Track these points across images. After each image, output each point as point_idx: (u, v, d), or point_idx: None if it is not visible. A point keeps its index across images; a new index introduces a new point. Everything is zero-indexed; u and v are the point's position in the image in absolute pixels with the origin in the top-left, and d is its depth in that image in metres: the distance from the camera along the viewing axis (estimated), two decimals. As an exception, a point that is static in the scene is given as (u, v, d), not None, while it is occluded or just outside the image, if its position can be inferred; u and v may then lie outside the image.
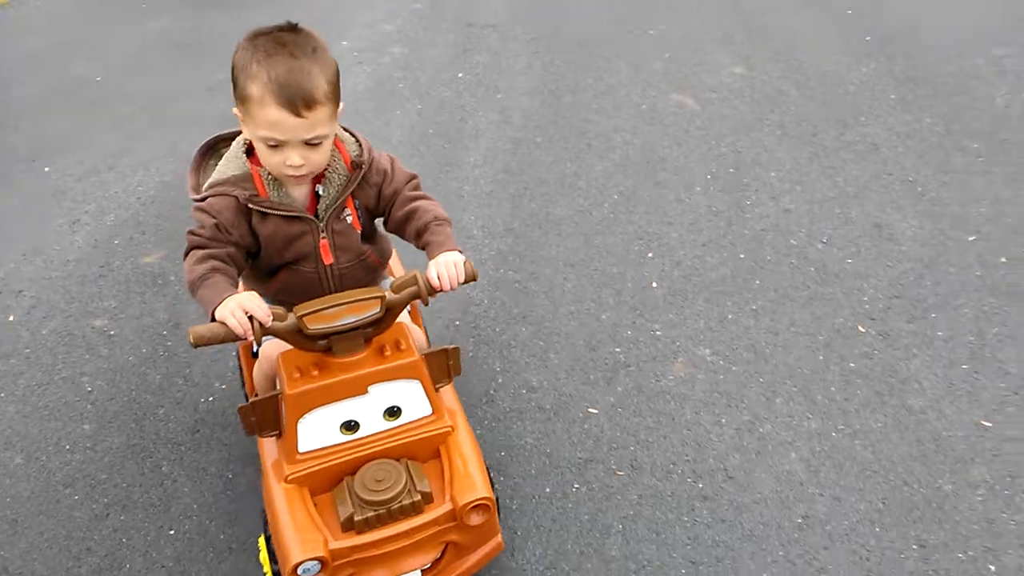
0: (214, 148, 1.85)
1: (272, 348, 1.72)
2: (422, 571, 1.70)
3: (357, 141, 1.74)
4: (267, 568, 1.76)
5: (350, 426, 1.64)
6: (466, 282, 1.64)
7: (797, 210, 3.20)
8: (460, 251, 1.67)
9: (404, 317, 1.81)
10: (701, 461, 2.20)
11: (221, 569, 1.93)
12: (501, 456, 2.22)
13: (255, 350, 1.87)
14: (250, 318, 1.48)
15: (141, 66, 4.38)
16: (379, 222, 1.86)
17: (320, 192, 1.70)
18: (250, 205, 1.63)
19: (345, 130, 1.75)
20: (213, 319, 1.50)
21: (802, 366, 2.50)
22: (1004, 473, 2.18)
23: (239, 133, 1.77)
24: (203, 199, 1.66)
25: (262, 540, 1.77)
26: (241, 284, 1.75)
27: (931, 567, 1.95)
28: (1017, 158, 3.50)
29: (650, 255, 2.96)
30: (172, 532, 2.01)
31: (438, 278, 1.60)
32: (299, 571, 1.53)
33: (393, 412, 1.67)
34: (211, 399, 2.35)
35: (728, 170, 3.45)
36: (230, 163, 1.69)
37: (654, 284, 2.83)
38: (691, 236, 3.06)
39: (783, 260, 2.94)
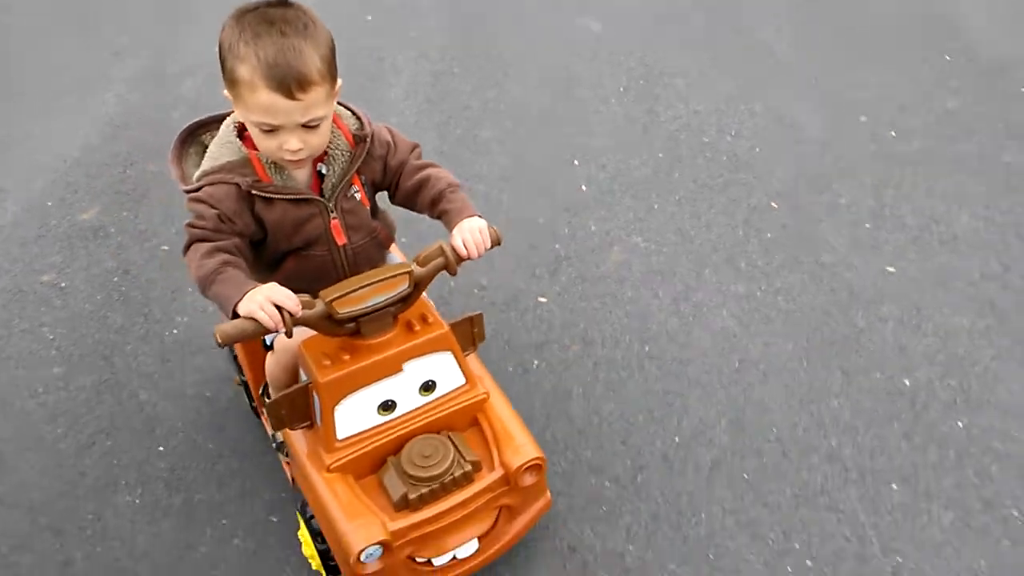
0: (193, 135, 1.73)
1: (286, 340, 1.62)
2: (478, 539, 1.70)
3: (355, 115, 1.66)
4: (312, 552, 1.74)
5: (387, 406, 1.61)
6: (492, 247, 1.58)
7: (705, 110, 3.43)
8: (481, 216, 1.60)
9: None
10: (645, 329, 2.41)
11: (215, 471, 2.04)
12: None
13: (269, 342, 1.77)
14: (279, 310, 1.40)
15: (43, 33, 4.27)
16: (380, 196, 1.79)
17: (323, 171, 1.62)
18: (253, 192, 1.54)
19: (341, 105, 1.66)
20: (235, 315, 1.42)
21: (724, 242, 2.74)
22: (910, 307, 2.47)
23: (220, 118, 1.69)
24: (197, 188, 1.55)
25: (303, 529, 1.75)
26: None
27: (854, 388, 2.22)
28: (897, 46, 3.82)
29: (576, 163, 3.14)
30: (161, 449, 2.10)
31: (464, 246, 1.54)
32: (362, 558, 1.52)
33: (428, 387, 1.64)
34: (175, 331, 2.42)
35: (638, 82, 3.65)
36: (223, 148, 1.59)
37: (583, 187, 3.01)
38: (612, 142, 3.25)
39: (698, 154, 3.17)
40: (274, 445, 1.95)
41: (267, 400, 1.80)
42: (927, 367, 2.28)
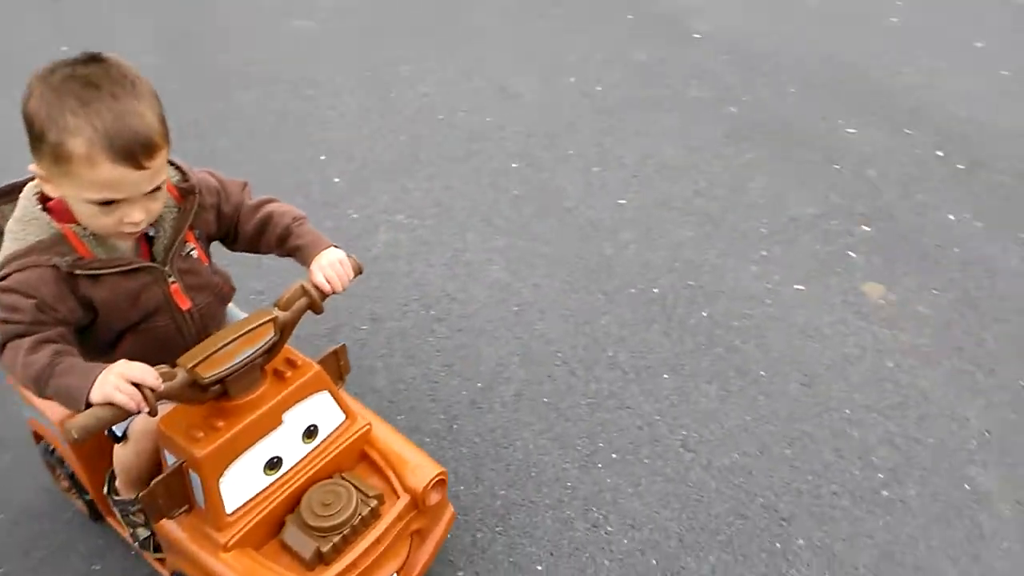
0: None
1: (144, 422, 1.50)
2: (396, 573, 1.61)
3: (175, 166, 1.47)
4: None
5: (273, 464, 1.50)
6: (355, 277, 1.52)
7: (434, 92, 3.63)
8: (337, 246, 1.52)
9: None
10: (426, 296, 2.55)
11: (14, 539, 1.87)
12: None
13: (121, 432, 1.58)
14: (138, 388, 1.26)
15: None
16: (214, 247, 1.63)
17: (152, 234, 1.46)
18: (76, 272, 1.36)
19: None
20: (87, 405, 1.26)
21: (478, 205, 2.95)
22: (644, 229, 2.84)
23: (7, 190, 1.51)
24: (3, 277, 1.35)
25: None
26: None
27: (615, 304, 2.53)
28: (589, 16, 4.29)
29: (323, 158, 3.19)
30: None
31: (327, 282, 1.46)
32: None
33: (311, 432, 1.55)
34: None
35: (365, 74, 3.77)
36: (27, 226, 1.39)
37: (336, 180, 3.07)
38: (354, 134, 3.34)
39: (436, 133, 3.36)
40: (135, 544, 1.74)
41: (115, 497, 1.68)
42: (668, 274, 2.64)
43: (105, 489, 1.74)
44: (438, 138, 3.32)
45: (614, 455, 2.08)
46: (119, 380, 1.24)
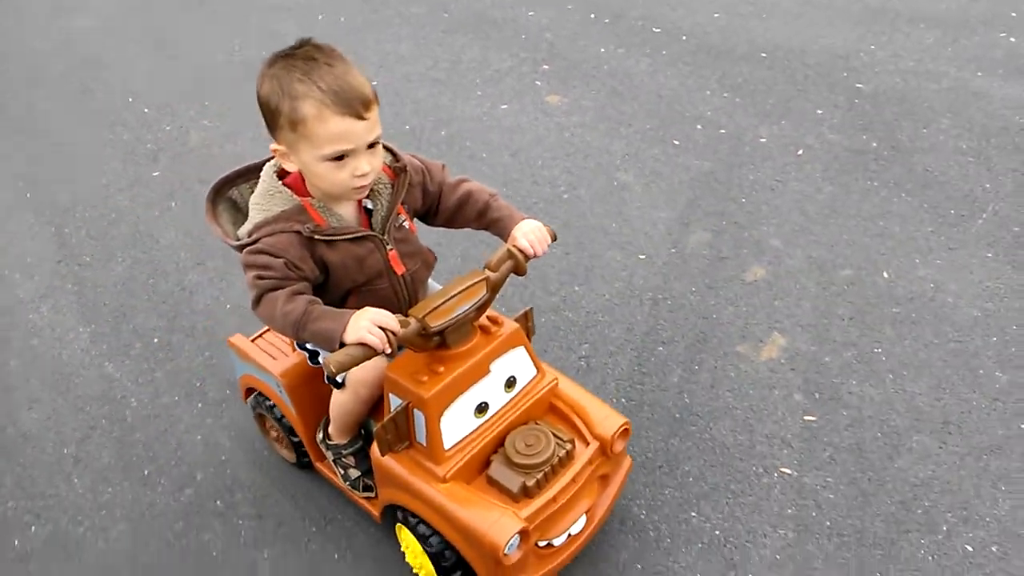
0: (219, 193, 1.75)
1: (363, 371, 1.69)
2: (585, 513, 1.76)
3: (387, 149, 1.67)
4: (419, 561, 1.81)
5: (481, 408, 1.68)
6: (552, 243, 1.70)
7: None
8: (532, 217, 1.70)
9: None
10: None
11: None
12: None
13: (341, 380, 1.78)
14: (383, 331, 1.46)
15: None
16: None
17: (370, 207, 1.66)
18: (316, 236, 1.56)
19: None
20: (341, 344, 1.46)
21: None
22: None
23: (242, 172, 1.75)
24: (254, 240, 1.56)
25: (407, 539, 1.82)
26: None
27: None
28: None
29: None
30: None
31: (531, 246, 1.64)
32: (506, 550, 1.58)
33: (511, 383, 1.72)
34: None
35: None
36: (272, 199, 1.59)
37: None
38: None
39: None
40: (346, 484, 1.96)
41: (329, 442, 1.93)
42: (415, 117, 3.53)
43: (320, 436, 1.98)
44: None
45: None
46: (370, 324, 1.45)
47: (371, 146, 1.52)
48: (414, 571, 1.88)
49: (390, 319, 1.48)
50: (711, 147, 3.31)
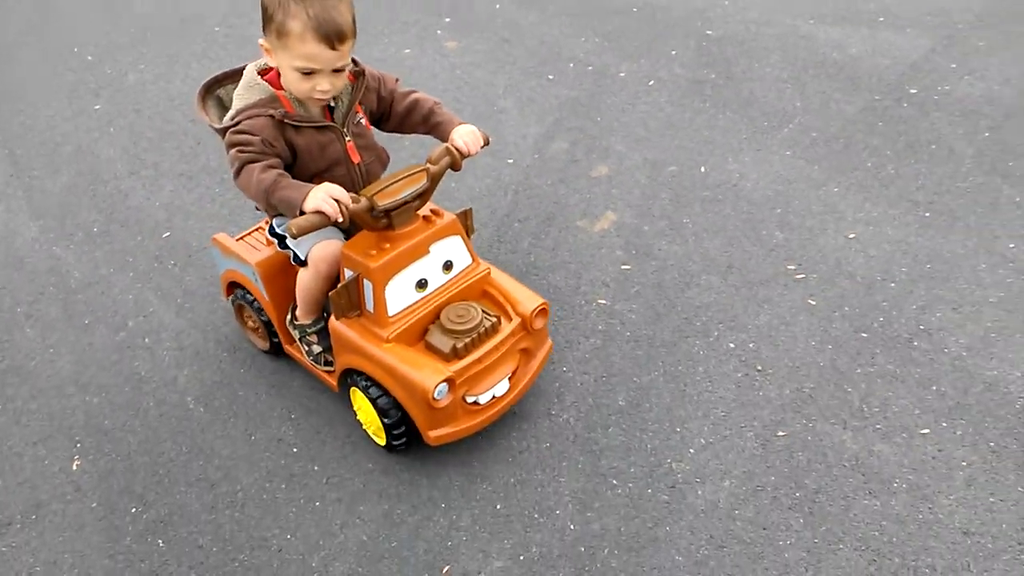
0: (209, 90, 2.05)
1: (322, 249, 1.95)
2: (508, 379, 2.04)
3: (351, 60, 1.90)
4: (369, 418, 2.07)
5: (421, 284, 1.93)
6: (484, 146, 1.98)
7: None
8: (468, 124, 1.97)
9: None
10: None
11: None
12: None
13: (303, 256, 2.01)
14: (337, 203, 1.69)
15: None
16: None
17: (332, 105, 1.93)
18: (286, 120, 1.83)
19: None
20: (301, 213, 1.69)
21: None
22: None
23: (229, 74, 2.03)
24: (236, 123, 1.82)
25: (360, 401, 2.07)
26: None
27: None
28: None
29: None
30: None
31: (465, 146, 1.91)
32: (435, 395, 1.84)
33: (448, 266, 1.98)
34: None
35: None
36: (252, 90, 1.87)
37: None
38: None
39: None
40: (309, 359, 2.24)
41: (295, 323, 2.21)
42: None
43: (288, 318, 2.27)
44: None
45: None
46: (325, 195, 1.69)
47: (337, 71, 1.79)
48: (364, 428, 2.17)
49: (343, 193, 1.73)
50: (579, 80, 3.88)
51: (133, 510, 2.17)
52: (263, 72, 1.91)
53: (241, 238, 2.35)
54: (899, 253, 2.75)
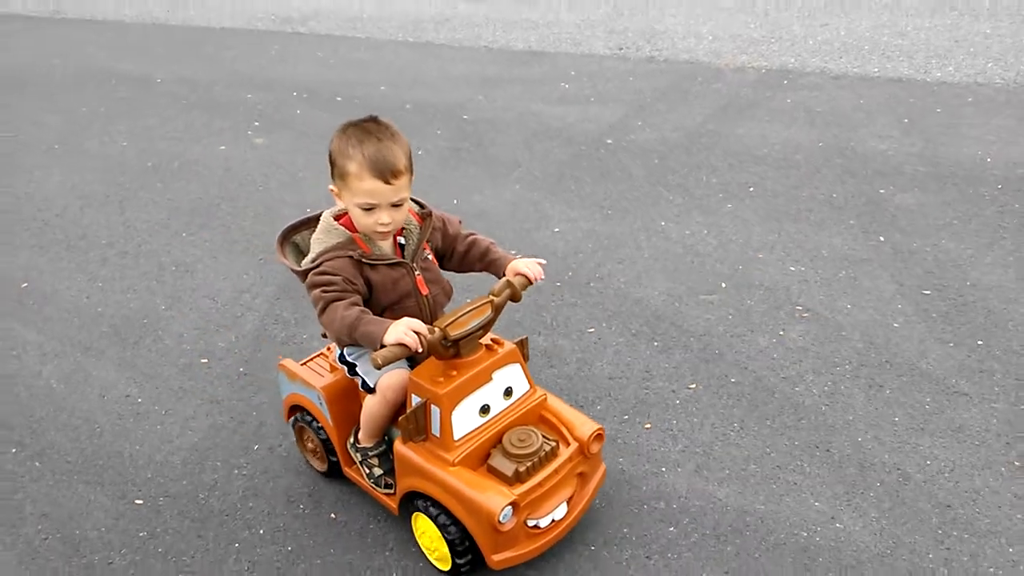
0: (286, 237, 2.13)
1: (390, 378, 2.01)
2: (567, 502, 2.05)
3: (416, 202, 2.08)
4: (432, 544, 2.05)
5: (484, 409, 1.98)
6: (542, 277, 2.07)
7: None
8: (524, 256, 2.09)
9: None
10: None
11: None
12: None
13: (372, 384, 2.05)
14: (416, 335, 1.79)
15: None
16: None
17: (403, 242, 2.05)
18: (363, 260, 1.94)
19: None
20: (382, 345, 1.78)
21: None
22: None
23: (304, 222, 2.13)
24: (318, 265, 1.93)
25: (423, 527, 2.05)
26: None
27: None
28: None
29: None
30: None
31: (532, 274, 2.03)
32: (500, 518, 1.86)
33: (508, 392, 2.03)
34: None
35: None
36: (329, 235, 1.98)
37: None
38: None
39: None
40: (370, 481, 2.22)
41: (357, 445, 2.21)
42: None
43: (350, 441, 2.26)
44: None
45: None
46: (406, 328, 1.80)
47: (396, 205, 1.91)
48: (428, 556, 2.13)
49: (421, 325, 1.84)
50: (364, 155, 4.94)
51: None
52: (338, 217, 2.04)
53: (305, 363, 2.40)
54: (587, 237, 3.86)
